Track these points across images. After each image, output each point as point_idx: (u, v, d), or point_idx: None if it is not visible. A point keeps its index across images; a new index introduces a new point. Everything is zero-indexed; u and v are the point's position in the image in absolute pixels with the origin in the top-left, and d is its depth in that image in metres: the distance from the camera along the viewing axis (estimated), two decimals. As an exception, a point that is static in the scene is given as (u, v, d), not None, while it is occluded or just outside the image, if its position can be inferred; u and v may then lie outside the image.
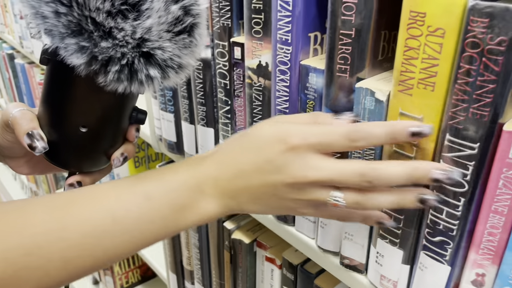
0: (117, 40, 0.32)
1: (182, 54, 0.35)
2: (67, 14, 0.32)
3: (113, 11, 0.32)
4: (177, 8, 0.33)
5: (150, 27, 0.33)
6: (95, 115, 0.40)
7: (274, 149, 0.33)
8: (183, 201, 0.34)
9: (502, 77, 0.28)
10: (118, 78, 0.34)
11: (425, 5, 0.30)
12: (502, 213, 0.31)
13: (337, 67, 0.38)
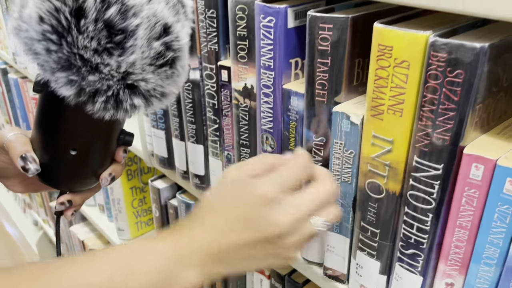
0: (103, 74, 0.35)
1: (164, 84, 0.37)
2: (57, 51, 0.34)
3: (99, 49, 0.34)
4: (159, 44, 0.36)
5: (133, 62, 0.35)
6: (84, 139, 0.42)
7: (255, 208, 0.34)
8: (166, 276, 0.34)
9: (461, 106, 0.31)
10: (105, 107, 0.36)
11: (392, 40, 0.33)
12: (466, 227, 0.34)
13: (316, 92, 0.41)
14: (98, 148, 0.44)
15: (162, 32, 0.36)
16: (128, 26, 0.34)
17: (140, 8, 0.34)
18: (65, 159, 0.43)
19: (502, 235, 0.32)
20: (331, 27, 0.38)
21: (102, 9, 0.33)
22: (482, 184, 0.32)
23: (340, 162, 0.41)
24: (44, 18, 0.34)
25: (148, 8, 0.35)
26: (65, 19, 0.33)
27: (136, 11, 0.34)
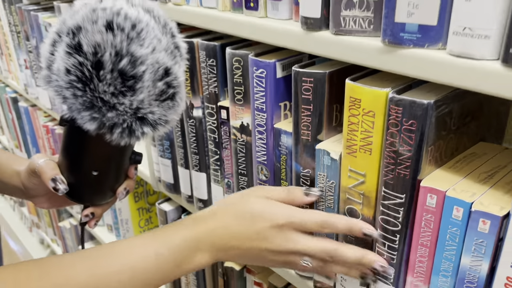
0: (119, 111, 0.42)
1: (167, 114, 0.45)
2: (82, 96, 0.41)
3: (115, 92, 0.41)
4: (161, 84, 0.43)
5: (142, 99, 0.43)
6: (103, 162, 0.50)
7: (263, 224, 0.44)
8: (184, 257, 0.43)
9: (416, 148, 0.39)
10: (121, 136, 0.44)
11: (360, 94, 0.41)
12: (426, 245, 0.42)
13: (301, 132, 0.48)
14: (115, 168, 0.51)
15: (164, 74, 0.43)
16: (137, 73, 0.41)
17: (145, 58, 0.41)
18: (88, 179, 0.50)
19: (454, 252, 0.39)
20: (312, 80, 0.45)
21: (116, 61, 0.41)
22: (436, 210, 0.39)
23: (324, 191, 0.49)
24: (70, 71, 0.41)
25: (152, 57, 0.42)
26: (88, 71, 0.41)
27: (142, 60, 0.41)
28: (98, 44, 0.40)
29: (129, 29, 0.41)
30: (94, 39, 0.40)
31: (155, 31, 0.42)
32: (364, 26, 0.40)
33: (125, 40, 0.40)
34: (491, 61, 0.32)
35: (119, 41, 0.40)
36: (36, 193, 0.57)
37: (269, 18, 0.49)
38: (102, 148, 0.48)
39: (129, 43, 0.41)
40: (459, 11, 0.33)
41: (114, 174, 0.52)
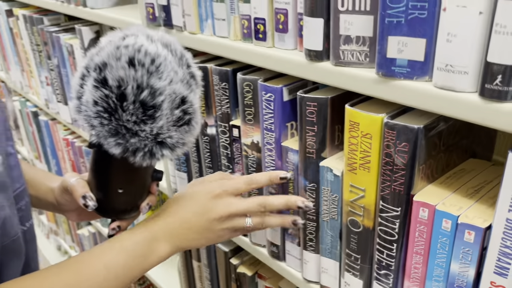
0: (141, 137, 0.47)
1: (184, 137, 0.49)
2: (108, 124, 0.46)
3: (137, 120, 0.46)
4: (178, 111, 0.47)
5: (161, 126, 0.47)
6: (128, 180, 0.55)
7: (205, 198, 0.54)
8: (147, 249, 0.50)
9: (409, 167, 0.44)
10: (143, 159, 0.48)
11: (358, 118, 0.46)
12: (420, 253, 0.46)
13: (307, 150, 0.53)
14: (138, 185, 0.56)
15: (180, 103, 0.47)
16: (157, 103, 0.45)
17: (164, 89, 0.45)
18: (114, 196, 0.55)
19: (444, 259, 0.44)
20: (316, 104, 0.50)
21: (137, 93, 0.44)
22: (428, 222, 0.44)
23: (328, 204, 0.53)
24: (98, 102, 0.46)
25: (169, 88, 0.45)
26: (113, 103, 0.45)
27: (161, 91, 0.45)
28: (121, 79, 0.44)
29: (149, 64, 0.45)
30: (118, 74, 0.44)
31: (172, 64, 0.46)
32: (360, 58, 0.45)
33: (145, 74, 0.44)
34: (470, 93, 0.37)
35: (140, 76, 0.44)
36: (68, 208, 0.63)
37: (276, 48, 0.54)
38: (126, 169, 0.52)
39: (149, 76, 0.44)
40: (441, 50, 0.37)
41: (137, 191, 0.57)
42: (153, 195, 0.59)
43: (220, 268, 0.83)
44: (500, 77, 0.34)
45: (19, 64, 1.39)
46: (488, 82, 0.35)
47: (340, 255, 0.55)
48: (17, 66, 1.40)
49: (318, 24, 0.46)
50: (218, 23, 0.59)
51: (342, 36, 0.44)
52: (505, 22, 0.33)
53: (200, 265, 0.88)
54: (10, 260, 0.50)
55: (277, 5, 0.51)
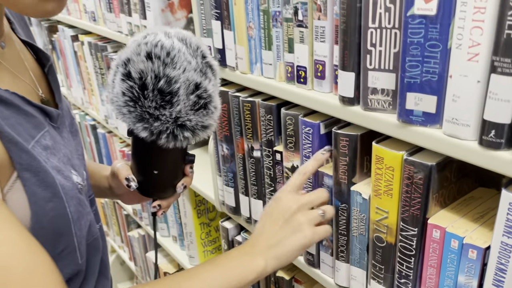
0: (162, 121, 0.52)
1: (203, 120, 0.54)
2: (134, 112, 0.52)
3: (157, 106, 0.52)
4: (193, 96, 0.53)
5: (180, 110, 0.52)
6: (160, 162, 0.61)
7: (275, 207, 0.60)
8: (242, 266, 0.55)
9: (424, 195, 0.53)
10: (167, 140, 0.54)
11: (383, 154, 0.56)
12: (434, 266, 0.56)
13: (339, 176, 0.64)
14: (171, 167, 0.62)
15: (194, 89, 0.53)
16: (173, 90, 0.51)
17: (178, 77, 0.51)
18: (151, 177, 0.62)
19: (453, 272, 0.53)
20: (348, 139, 0.61)
21: (156, 82, 0.51)
22: (439, 241, 0.54)
23: (357, 222, 0.64)
24: (125, 93, 0.52)
25: (183, 76, 0.52)
26: (136, 92, 0.51)
27: (176, 79, 0.51)
28: (142, 71, 0.51)
29: (165, 56, 0.51)
30: (138, 67, 0.51)
31: (185, 55, 0.52)
32: (385, 106, 0.55)
33: (161, 65, 0.51)
34: (471, 141, 0.46)
35: (157, 67, 0.51)
36: (119, 191, 0.71)
37: (315, 90, 0.65)
38: (158, 152, 0.58)
39: (164, 67, 0.51)
40: (449, 107, 0.47)
41: (171, 173, 0.62)
42: (187, 176, 0.65)
43: (261, 271, 0.94)
44: (493, 131, 0.44)
45: (81, 83, 1.55)
46: (485, 135, 0.44)
47: (367, 265, 0.65)
48: (79, 84, 1.57)
49: (350, 77, 0.56)
50: (266, 67, 0.71)
51: (370, 88, 0.55)
52: (496, 91, 0.42)
53: (243, 269, 1.00)
54: (93, 255, 0.60)
55: (316, 57, 0.62)
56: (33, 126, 0.50)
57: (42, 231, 0.48)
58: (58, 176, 0.50)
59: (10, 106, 0.47)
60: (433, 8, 0.45)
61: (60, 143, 0.54)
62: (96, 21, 1.29)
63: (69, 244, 0.52)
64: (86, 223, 0.55)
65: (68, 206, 0.50)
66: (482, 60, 0.43)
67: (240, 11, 0.71)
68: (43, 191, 0.47)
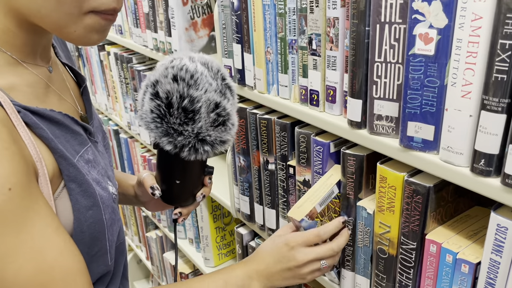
0: (185, 136, 0.58)
1: (222, 135, 0.60)
2: (160, 127, 0.59)
3: (181, 123, 0.58)
4: (213, 114, 0.59)
5: (201, 126, 0.58)
6: (182, 173, 0.66)
7: (284, 250, 0.66)
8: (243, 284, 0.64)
9: (423, 213, 0.59)
10: (189, 153, 0.60)
11: (386, 174, 0.62)
12: (431, 278, 0.61)
13: (347, 192, 0.70)
14: (192, 177, 0.67)
15: (214, 107, 0.59)
16: (195, 108, 0.57)
17: (200, 97, 0.57)
18: (173, 186, 0.67)
19: (448, 283, 0.59)
20: (355, 159, 0.67)
21: (180, 102, 0.57)
22: (436, 255, 0.59)
23: (362, 234, 0.69)
24: (153, 111, 0.58)
25: (205, 96, 0.58)
26: (163, 110, 0.58)
27: (198, 99, 0.57)
28: (168, 91, 0.57)
29: (189, 78, 0.57)
30: (166, 88, 0.57)
31: (207, 77, 0.58)
32: (388, 131, 0.60)
33: (186, 87, 0.57)
34: (464, 167, 0.52)
35: (182, 88, 0.56)
36: (144, 199, 0.78)
37: (326, 113, 0.71)
38: (180, 163, 0.64)
39: (188, 88, 0.57)
40: (444, 136, 0.53)
41: (192, 183, 0.68)
42: (206, 187, 0.71)
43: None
44: (483, 160, 0.49)
45: (106, 90, 1.64)
46: (476, 163, 0.50)
47: (370, 274, 0.71)
48: (104, 91, 1.66)
49: (358, 104, 0.62)
50: (282, 88, 0.77)
51: (375, 114, 0.61)
52: (486, 125, 0.48)
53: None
54: (120, 257, 0.67)
55: (328, 83, 0.68)
56: (78, 142, 0.57)
57: (82, 235, 0.55)
58: (97, 187, 0.57)
59: (61, 126, 0.54)
60: (431, 49, 0.51)
61: (98, 157, 0.61)
62: (122, 34, 1.37)
63: (102, 247, 0.58)
64: (117, 228, 0.62)
65: (104, 214, 0.57)
66: (473, 97, 0.49)
67: (259, 37, 0.77)
68: (85, 200, 0.54)
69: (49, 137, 0.51)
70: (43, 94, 0.55)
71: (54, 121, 0.53)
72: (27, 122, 0.50)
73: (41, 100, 0.55)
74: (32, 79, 0.54)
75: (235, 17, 0.81)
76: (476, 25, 0.46)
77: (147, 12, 1.16)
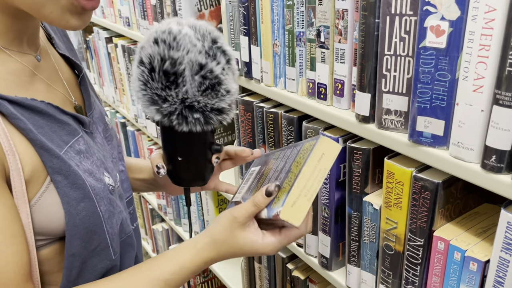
0: (169, 102, 0.54)
1: (213, 102, 0.55)
2: (146, 95, 0.55)
3: (164, 87, 0.54)
4: (198, 77, 0.54)
5: (186, 91, 0.54)
6: (183, 149, 0.61)
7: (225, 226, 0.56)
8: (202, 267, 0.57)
9: (431, 210, 0.58)
10: (178, 122, 0.55)
11: (394, 169, 0.61)
12: (438, 275, 0.60)
13: (353, 186, 0.69)
14: (195, 154, 0.62)
15: (199, 69, 0.54)
16: (178, 71, 0.53)
17: (182, 59, 0.53)
18: (176, 164, 0.63)
19: (455, 281, 0.58)
20: (361, 153, 0.66)
21: (162, 64, 0.53)
22: (444, 252, 0.58)
23: (369, 230, 0.69)
24: (139, 78, 0.55)
25: (187, 57, 0.53)
26: (146, 75, 0.54)
27: (180, 61, 0.53)
28: (150, 55, 0.53)
29: (171, 40, 0.53)
30: (147, 52, 0.54)
31: (191, 38, 0.53)
32: (397, 126, 0.59)
33: (166, 48, 0.53)
34: (475, 163, 0.51)
35: (162, 50, 0.53)
36: (161, 181, 0.73)
37: (334, 106, 0.70)
38: (180, 138, 0.60)
39: (169, 50, 0.53)
40: (455, 132, 0.52)
41: (196, 161, 0.63)
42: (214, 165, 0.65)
43: (277, 270, 1.00)
44: (494, 157, 0.48)
45: (113, 82, 1.64)
46: (486, 159, 0.49)
47: (376, 270, 0.70)
48: (111, 83, 1.66)
49: (366, 98, 0.61)
50: (289, 82, 0.76)
51: (384, 108, 0.59)
52: (498, 120, 0.46)
53: (261, 267, 1.06)
54: (127, 252, 0.66)
55: (336, 76, 0.67)
56: (67, 132, 0.55)
57: (76, 229, 0.53)
58: (89, 178, 0.55)
59: (45, 115, 0.53)
60: (443, 42, 0.49)
61: (94, 148, 0.59)
62: (130, 26, 1.36)
63: (102, 241, 0.57)
64: (117, 221, 0.61)
65: (98, 206, 0.55)
66: (485, 92, 0.47)
67: (267, 29, 0.76)
68: (74, 192, 0.53)
69: (27, 127, 0.50)
70: (27, 83, 0.54)
71: (36, 111, 0.52)
72: (2, 112, 0.48)
73: (25, 89, 0.53)
74: (15, 67, 0.53)
75: (242, 9, 0.80)
76: (489, 17, 0.45)
77: (154, 4, 1.15)
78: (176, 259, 0.57)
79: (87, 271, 0.57)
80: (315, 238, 0.81)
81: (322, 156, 0.56)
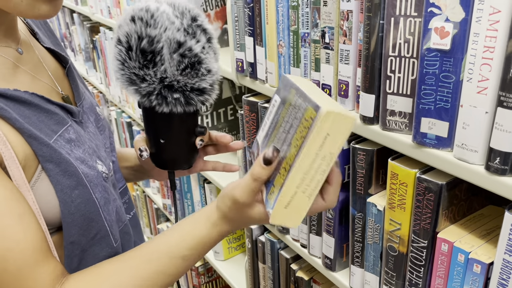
0: (148, 81, 0.53)
1: (193, 82, 0.53)
2: (124, 74, 0.53)
3: (141, 66, 0.52)
4: (176, 55, 0.52)
5: (165, 69, 0.52)
6: (164, 131, 0.59)
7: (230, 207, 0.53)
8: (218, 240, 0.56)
9: (434, 211, 0.58)
10: (158, 103, 0.54)
11: (398, 170, 0.61)
12: (441, 277, 0.60)
13: (357, 188, 0.69)
14: (176, 136, 0.60)
15: (177, 47, 0.52)
16: (155, 49, 0.52)
17: (160, 37, 0.52)
18: (159, 146, 0.61)
19: (459, 283, 0.57)
20: (365, 154, 0.66)
21: (139, 43, 0.52)
22: (447, 254, 0.58)
23: (372, 231, 0.69)
24: (116, 57, 0.54)
25: (165, 35, 0.52)
26: (124, 54, 0.53)
27: (158, 39, 0.52)
28: (127, 33, 0.52)
29: (148, 18, 0.52)
30: (124, 30, 0.52)
31: (169, 15, 0.52)
32: (401, 127, 0.59)
33: (143, 26, 0.52)
34: (479, 165, 0.51)
35: (139, 27, 0.52)
36: (147, 167, 0.72)
37: (338, 107, 0.70)
38: (160, 119, 0.58)
39: (146, 27, 0.52)
40: (459, 133, 0.52)
41: (178, 143, 0.61)
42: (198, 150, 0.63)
43: (281, 271, 1.00)
44: (498, 159, 0.48)
45: (119, 82, 1.65)
46: (491, 161, 0.48)
47: (380, 271, 0.70)
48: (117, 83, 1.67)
49: (371, 99, 0.61)
50: (293, 82, 0.76)
51: (388, 109, 0.59)
52: (502, 122, 0.46)
53: (265, 267, 1.06)
54: (126, 240, 0.65)
55: (341, 77, 0.67)
56: (55, 122, 0.54)
57: (72, 217, 0.53)
58: (82, 166, 0.55)
59: (31, 105, 0.52)
60: (447, 43, 0.49)
61: (85, 137, 0.59)
62: (136, 27, 1.37)
63: (101, 228, 0.57)
64: (113, 208, 0.60)
65: (93, 193, 0.55)
66: (490, 94, 0.47)
67: (272, 30, 0.76)
68: (67, 180, 0.52)
69: (12, 117, 0.49)
70: (9, 75, 0.54)
71: (20, 101, 0.52)
72: None
73: (8, 81, 0.53)
74: None
75: (247, 10, 0.80)
76: (494, 19, 0.45)
77: (160, 4, 1.16)
78: (192, 234, 0.55)
79: (89, 260, 0.57)
80: (319, 239, 0.82)
81: (326, 137, 0.43)
